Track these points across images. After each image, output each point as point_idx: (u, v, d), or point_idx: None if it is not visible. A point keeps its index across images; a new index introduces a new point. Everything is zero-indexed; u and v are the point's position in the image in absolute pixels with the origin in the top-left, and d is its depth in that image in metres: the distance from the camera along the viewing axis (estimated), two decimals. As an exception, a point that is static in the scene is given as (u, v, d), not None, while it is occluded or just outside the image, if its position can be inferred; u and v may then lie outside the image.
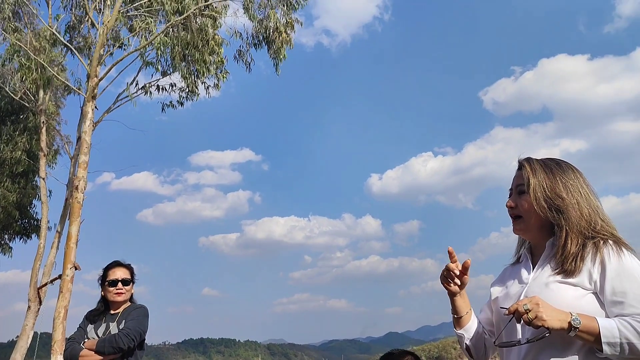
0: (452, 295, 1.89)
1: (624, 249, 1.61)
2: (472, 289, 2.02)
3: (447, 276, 1.86)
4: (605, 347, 1.47)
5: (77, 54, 11.78)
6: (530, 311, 1.50)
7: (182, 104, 13.09)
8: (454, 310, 1.90)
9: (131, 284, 3.47)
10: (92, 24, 11.67)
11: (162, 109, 13.47)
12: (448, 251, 1.85)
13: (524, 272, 1.78)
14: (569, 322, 1.48)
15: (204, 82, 12.49)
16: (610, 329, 1.48)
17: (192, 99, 12.84)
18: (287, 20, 11.56)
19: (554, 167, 1.78)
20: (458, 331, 1.91)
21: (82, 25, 12.62)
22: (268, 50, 11.71)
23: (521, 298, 1.63)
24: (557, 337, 1.53)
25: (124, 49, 11.96)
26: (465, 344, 1.91)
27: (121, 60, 11.10)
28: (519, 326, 1.64)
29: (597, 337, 1.48)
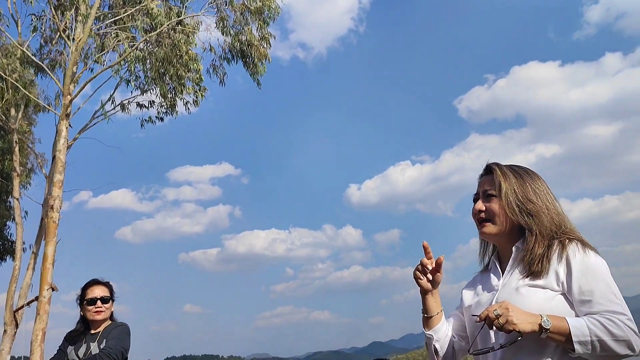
0: (424, 293, 1.88)
1: (588, 249, 1.64)
2: (455, 295, 2.03)
3: (420, 271, 1.86)
4: (576, 346, 1.49)
5: (50, 73, 11.65)
6: (500, 316, 1.52)
7: (161, 119, 12.99)
8: (425, 309, 1.90)
9: (111, 301, 3.41)
10: (64, 42, 11.56)
11: (142, 125, 13.33)
12: (423, 246, 1.86)
13: (493, 279, 1.80)
14: (540, 324, 1.50)
15: (183, 99, 12.44)
16: (580, 327, 1.50)
17: (172, 115, 12.76)
18: (262, 35, 11.61)
19: (522, 172, 1.81)
20: (427, 332, 1.90)
21: (53, 43, 12.49)
22: (244, 65, 11.72)
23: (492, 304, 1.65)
24: (531, 340, 1.55)
25: (101, 65, 11.87)
26: (434, 345, 1.89)
27: (94, 77, 11.02)
28: (492, 332, 1.65)
29: (568, 336, 1.50)
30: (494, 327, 1.54)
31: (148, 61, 11.17)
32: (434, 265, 1.85)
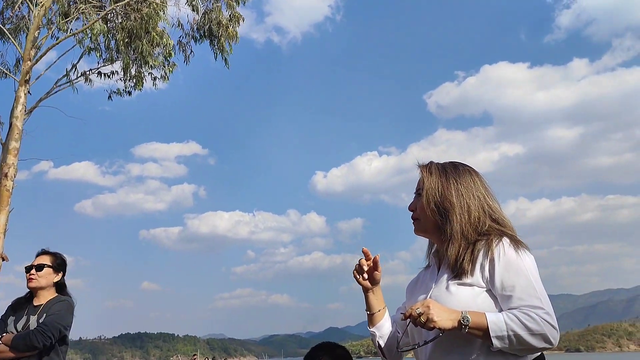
0: (365, 291, 1.93)
1: (513, 245, 1.67)
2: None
3: (358, 271, 1.91)
4: (494, 341, 1.53)
5: (11, 37, 11.29)
6: (422, 314, 1.57)
7: (129, 93, 12.72)
8: (367, 307, 1.94)
9: (51, 271, 3.29)
10: (28, 6, 11.21)
11: (109, 97, 13.03)
12: (363, 251, 1.91)
13: (430, 277, 1.84)
14: (459, 321, 1.55)
15: (151, 73, 12.21)
16: (497, 323, 1.54)
17: (138, 89, 12.51)
18: (231, 14, 11.48)
19: (450, 170, 1.82)
20: (370, 329, 1.94)
21: (16, 7, 12.08)
22: (210, 44, 11.58)
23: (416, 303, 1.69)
24: (459, 336, 1.59)
25: (65, 32, 11.54)
26: (378, 342, 1.93)
27: (57, 44, 10.70)
28: (422, 329, 1.67)
29: (486, 332, 1.54)
30: (417, 325, 1.60)
31: (115, 32, 10.93)
32: (371, 265, 1.91)
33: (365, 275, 1.91)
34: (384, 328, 1.93)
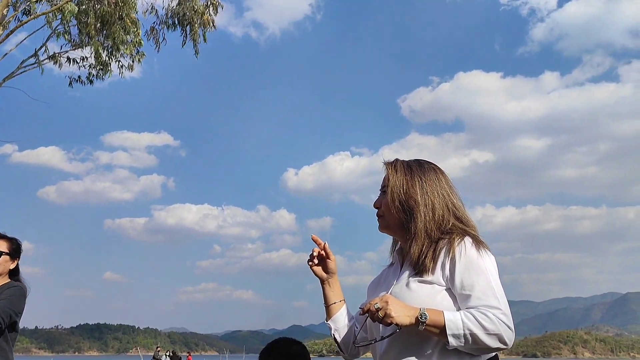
0: (321, 282, 1.95)
1: (475, 245, 1.67)
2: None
3: (311, 260, 1.96)
4: (450, 339, 1.53)
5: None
6: (380, 309, 1.56)
7: (91, 81, 12.40)
8: (324, 299, 1.94)
9: (8, 258, 3.17)
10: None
11: (70, 84, 12.71)
12: (312, 239, 1.96)
13: (393, 274, 1.84)
14: (417, 317, 1.55)
15: (119, 61, 11.95)
16: (454, 321, 1.54)
17: (103, 77, 12.22)
18: (208, 2, 11.31)
19: (415, 168, 1.82)
20: (327, 321, 1.94)
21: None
22: (182, 31, 11.38)
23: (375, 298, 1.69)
24: (414, 333, 1.59)
25: (34, 12, 11.18)
26: (334, 336, 1.93)
27: (24, 24, 10.39)
28: (380, 325, 1.67)
29: (443, 329, 1.54)
30: (375, 320, 1.59)
31: (87, 16, 10.65)
32: (322, 253, 1.93)
33: (316, 261, 1.94)
34: (340, 321, 1.92)
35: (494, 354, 1.65)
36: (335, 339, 1.93)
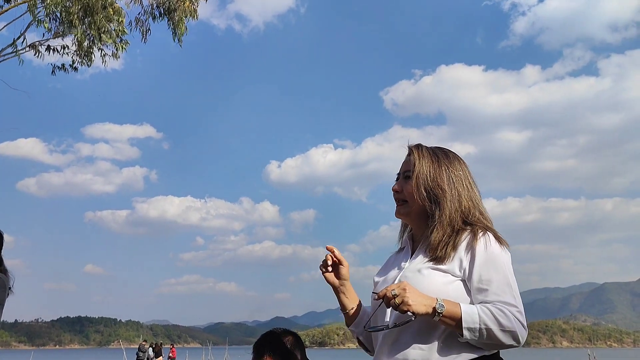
0: (335, 290, 1.88)
1: (496, 241, 1.66)
2: (360, 278, 2.00)
3: (323, 266, 1.87)
4: (465, 332, 1.52)
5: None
6: (397, 296, 1.53)
7: (75, 68, 12.23)
8: (340, 305, 1.89)
9: None
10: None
11: (52, 72, 12.50)
12: (328, 249, 1.86)
13: (403, 259, 1.81)
14: (434, 308, 1.52)
15: (101, 49, 11.78)
16: (471, 314, 1.53)
17: (88, 64, 12.04)
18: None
19: (441, 156, 1.79)
20: (349, 327, 1.90)
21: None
22: (168, 22, 11.25)
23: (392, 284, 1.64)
24: (420, 322, 1.58)
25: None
26: (358, 339, 1.90)
27: (5, 11, 10.20)
28: (388, 311, 1.66)
29: (458, 322, 1.52)
30: (390, 306, 1.56)
31: (70, 4, 10.46)
32: (336, 260, 1.85)
33: (330, 268, 1.86)
34: (361, 325, 1.86)
35: (494, 351, 1.62)
36: (360, 342, 1.91)
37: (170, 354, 31.85)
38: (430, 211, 1.73)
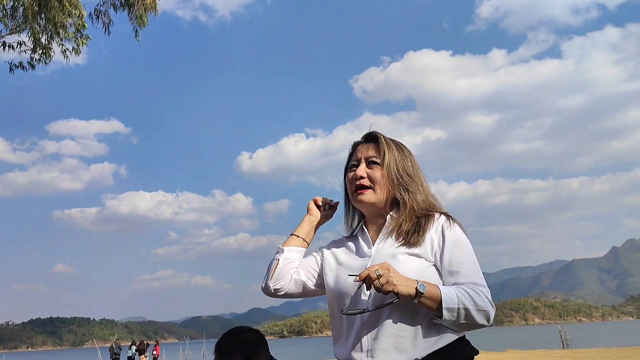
0: (310, 218, 1.98)
1: (459, 226, 1.75)
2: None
3: (322, 204, 2.01)
4: (445, 313, 1.56)
5: None
6: (381, 276, 1.53)
7: (33, 66, 11.84)
8: (298, 227, 1.97)
9: None
10: None
11: (10, 69, 12.11)
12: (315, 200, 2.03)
13: (364, 245, 1.82)
14: (416, 288, 1.55)
15: (62, 44, 11.41)
16: (450, 295, 1.57)
17: (46, 62, 11.66)
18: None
19: (402, 147, 1.88)
20: (281, 246, 1.92)
21: None
22: (129, 14, 10.94)
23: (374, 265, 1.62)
24: (401, 306, 1.59)
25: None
26: (276, 258, 1.89)
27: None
28: (363, 295, 1.67)
29: (439, 303, 1.56)
30: (373, 287, 1.55)
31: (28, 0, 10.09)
32: (331, 204, 2.02)
33: (320, 203, 2.01)
34: (293, 254, 1.91)
35: (464, 333, 1.68)
36: (276, 265, 1.88)
37: (154, 351, 31.40)
38: (401, 199, 1.79)
